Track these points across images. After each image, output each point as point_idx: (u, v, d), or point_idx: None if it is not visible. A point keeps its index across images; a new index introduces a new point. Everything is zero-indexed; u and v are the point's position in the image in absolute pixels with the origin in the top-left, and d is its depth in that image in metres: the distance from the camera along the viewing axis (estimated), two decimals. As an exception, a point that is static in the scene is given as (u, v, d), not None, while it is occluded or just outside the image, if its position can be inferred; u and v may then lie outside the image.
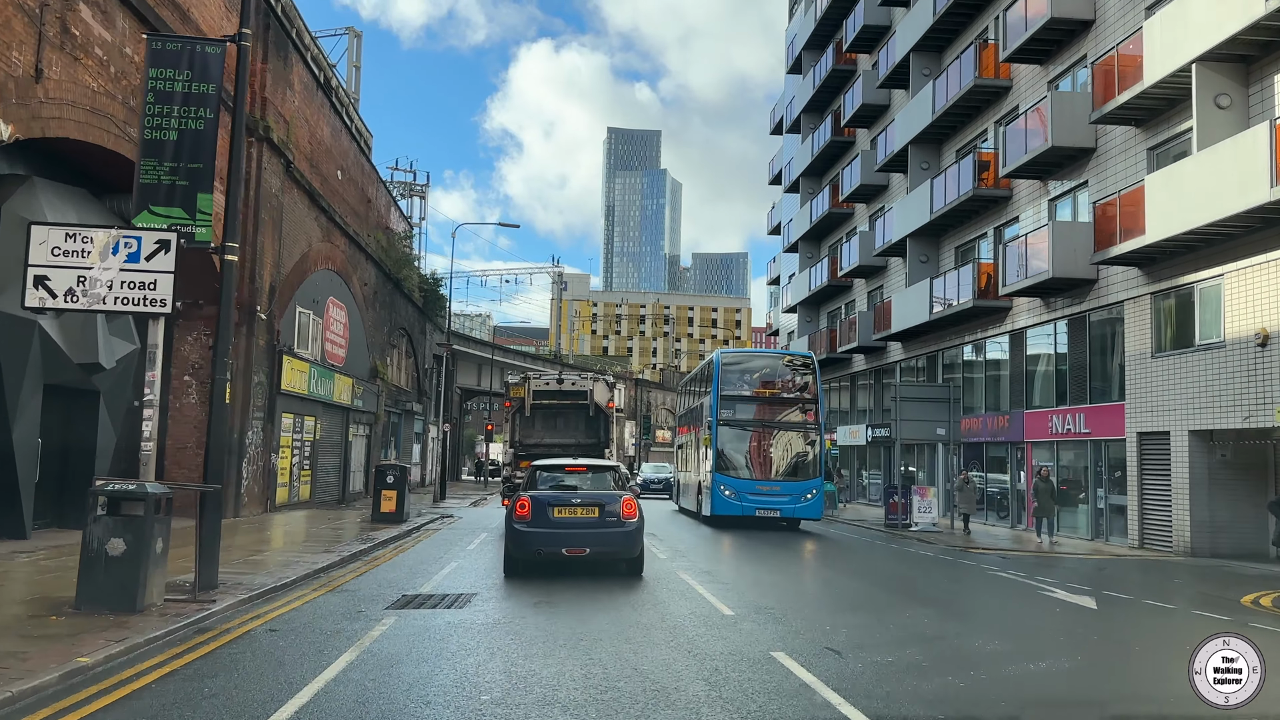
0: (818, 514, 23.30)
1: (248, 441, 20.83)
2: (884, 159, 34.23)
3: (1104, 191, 21.90)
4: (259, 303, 21.05)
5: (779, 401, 23.99)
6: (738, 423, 23.44)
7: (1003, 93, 27.18)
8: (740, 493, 22.54)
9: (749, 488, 22.65)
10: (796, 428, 23.66)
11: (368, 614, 9.07)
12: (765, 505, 22.44)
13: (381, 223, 35.85)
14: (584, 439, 25.14)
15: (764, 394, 24.11)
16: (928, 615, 9.74)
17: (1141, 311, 20.75)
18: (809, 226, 43.80)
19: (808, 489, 22.91)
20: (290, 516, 21.89)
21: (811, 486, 22.94)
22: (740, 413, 23.60)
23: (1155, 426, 20.16)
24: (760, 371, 24.90)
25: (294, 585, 10.98)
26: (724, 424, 23.30)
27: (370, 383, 32.73)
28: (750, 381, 24.40)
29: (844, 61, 40.75)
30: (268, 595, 10.11)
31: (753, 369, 25.02)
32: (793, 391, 24.21)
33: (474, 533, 19.80)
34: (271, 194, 21.76)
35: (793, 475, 23.19)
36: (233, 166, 10.48)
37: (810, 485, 22.96)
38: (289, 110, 23.21)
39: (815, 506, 23.00)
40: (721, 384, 23.77)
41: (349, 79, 41.43)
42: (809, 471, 23.24)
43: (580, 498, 12.20)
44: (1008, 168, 24.68)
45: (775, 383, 24.49)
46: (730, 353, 27.78)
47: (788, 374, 24.85)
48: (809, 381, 24.14)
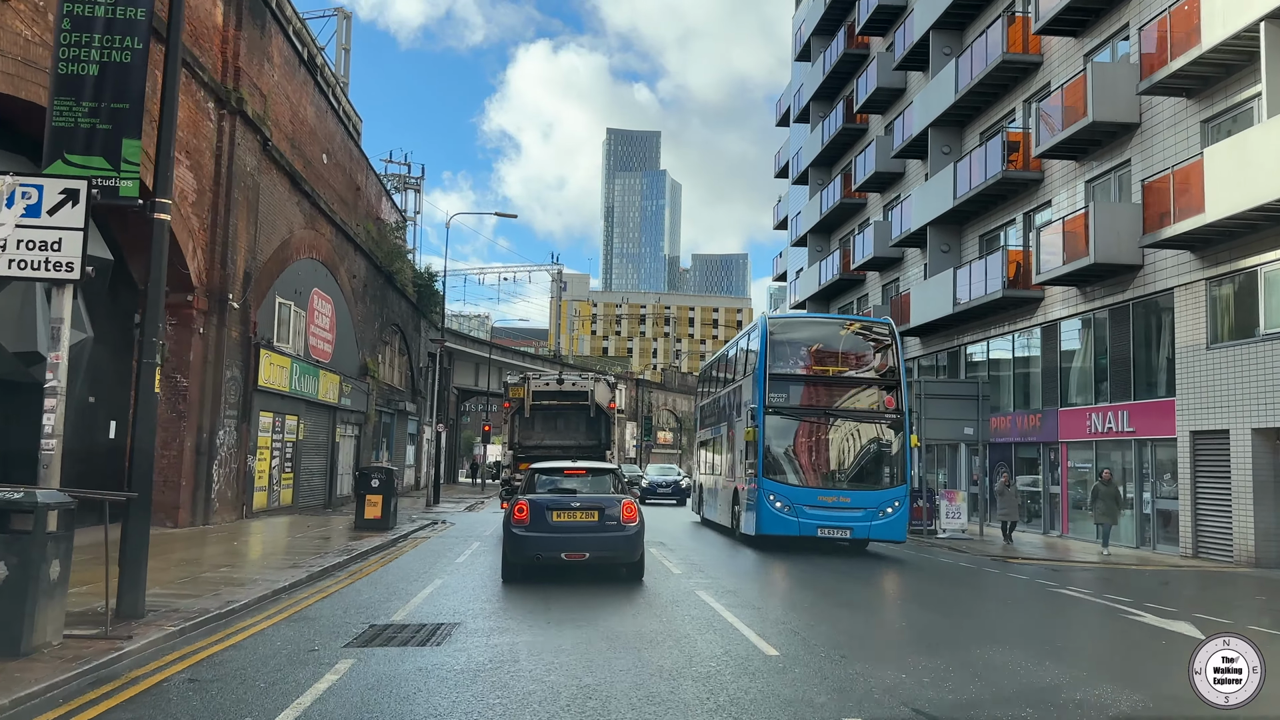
0: (900, 534, 17.56)
1: (219, 442, 19.07)
2: (901, 144, 32.46)
3: (1150, 170, 20.14)
4: (231, 290, 19.28)
5: (848, 382, 18.33)
6: (792, 411, 17.80)
7: (1032, 69, 25.42)
8: (796, 504, 17.09)
9: (807, 498, 17.16)
10: (872, 417, 17.92)
11: (321, 654, 7.29)
12: (830, 522, 16.99)
13: (372, 212, 34.08)
14: (585, 440, 24.34)
15: (827, 372, 18.52)
16: (1016, 654, 7.86)
17: (1194, 299, 18.98)
18: (819, 218, 42.02)
19: (887, 500, 17.24)
20: (268, 524, 20.12)
21: (892, 497, 17.30)
22: (795, 397, 17.89)
23: (1211, 424, 18.38)
24: (821, 343, 19.12)
25: (243, 611, 9.21)
26: (773, 412, 17.64)
27: (360, 381, 30.96)
28: (808, 356, 18.75)
29: (856, 45, 39.03)
30: (207, 625, 8.34)
31: (811, 340, 19.20)
32: (866, 369, 18.65)
33: (465, 541, 18.04)
34: (246, 172, 20.00)
35: (867, 481, 17.71)
36: (165, 108, 8.68)
37: (891, 496, 17.32)
38: (266, 84, 21.45)
39: (897, 524, 17.32)
40: (770, 359, 18.00)
41: (338, 62, 39.62)
42: (889, 476, 17.68)
43: (579, 501, 11.96)
44: (1041, 147, 22.93)
45: (843, 357, 18.85)
46: (781, 318, 21.43)
47: (859, 346, 19.21)
48: (888, 355, 18.53)
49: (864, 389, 18.29)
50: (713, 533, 21.68)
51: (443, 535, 19.68)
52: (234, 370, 19.79)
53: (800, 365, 18.55)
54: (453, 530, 21.10)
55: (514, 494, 13.89)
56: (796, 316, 30.85)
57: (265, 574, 11.69)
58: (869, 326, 20.07)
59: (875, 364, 18.67)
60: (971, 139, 28.95)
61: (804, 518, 17.03)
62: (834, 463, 18.00)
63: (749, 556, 16.58)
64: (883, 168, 34.64)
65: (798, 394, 17.99)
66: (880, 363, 18.64)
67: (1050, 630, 9.92)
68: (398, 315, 38.03)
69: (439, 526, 22.03)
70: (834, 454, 18.05)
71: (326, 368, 26.81)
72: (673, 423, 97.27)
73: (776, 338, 18.50)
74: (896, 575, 14.72)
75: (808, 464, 17.89)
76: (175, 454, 17.93)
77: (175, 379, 18.11)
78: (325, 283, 26.87)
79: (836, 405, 18.01)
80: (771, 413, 17.67)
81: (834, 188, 40.62)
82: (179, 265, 17.62)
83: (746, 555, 16.82)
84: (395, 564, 14.13)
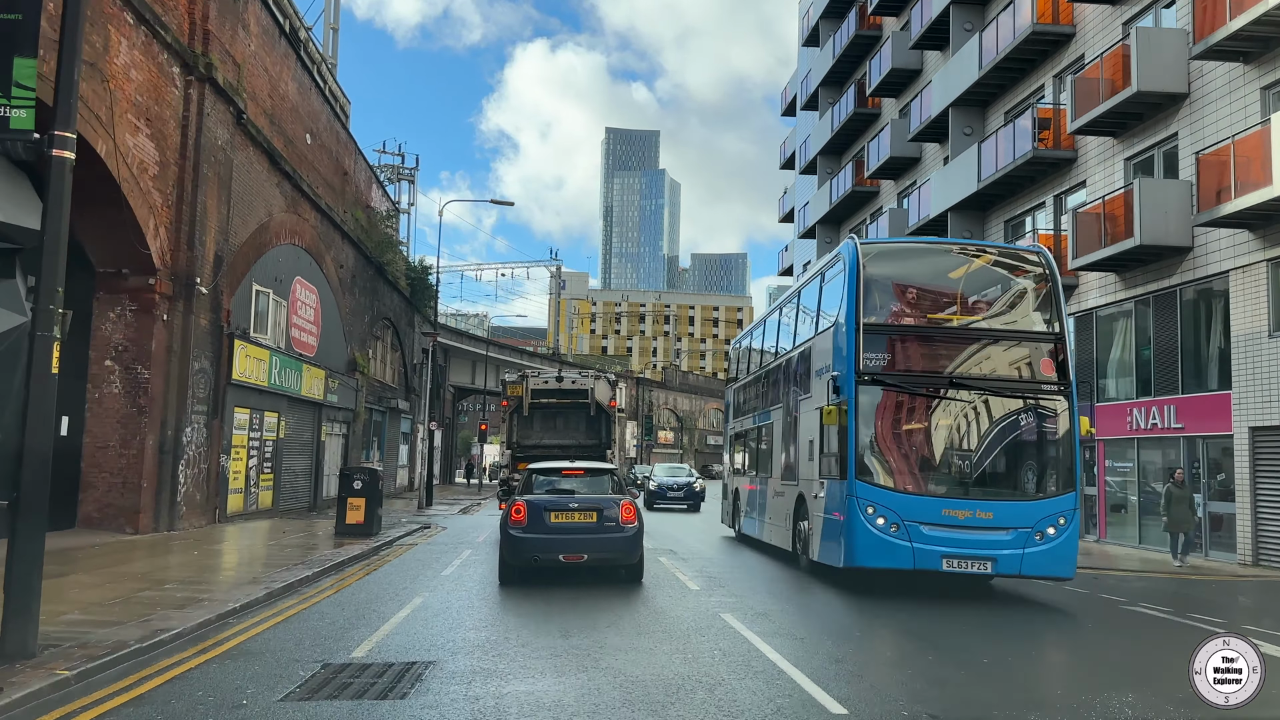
0: (1068, 567, 11.63)
1: (186, 440, 17.39)
2: (918, 127, 30.79)
3: (1201, 144, 18.50)
4: (199, 274, 17.60)
5: (985, 337, 12.42)
6: (900, 380, 11.98)
7: (1064, 41, 23.76)
8: (909, 521, 11.33)
9: (926, 511, 11.41)
10: (1022, 390, 12.13)
11: (249, 712, 5.62)
12: (962, 548, 11.28)
13: (361, 200, 32.40)
14: (585, 440, 23.43)
15: (951, 323, 12.68)
16: (1139, 699, 6.27)
17: (1254, 282, 17.33)
18: (828, 208, 40.36)
19: (1048, 515, 11.53)
20: (242, 529, 18.47)
21: (1055, 511, 11.57)
22: (905, 360, 12.19)
23: (1275, 420, 16.74)
24: (943, 281, 13.10)
25: (173, 643, 7.54)
26: (871, 382, 11.82)
27: (348, 376, 29.29)
28: (923, 301, 13.03)
29: (869, 26, 37.40)
30: (119, 665, 6.68)
31: (928, 276, 13.23)
32: (1010, 318, 12.73)
33: (455, 549, 16.37)
34: (217, 146, 18.32)
35: (1016, 487, 12.12)
36: (67, 22, 6.99)
37: (1053, 509, 11.59)
38: (241, 52, 19.78)
39: (1062, 552, 11.51)
40: (865, 304, 12.17)
41: (326, 41, 37.90)
42: (1050, 479, 11.92)
43: (578, 502, 11.80)
44: (1077, 123, 21.26)
45: (973, 303, 12.99)
46: (878, 243, 14.98)
47: (999, 284, 13.10)
48: (1044, 299, 12.56)
49: (1009, 346, 12.36)
50: (756, 555, 16.51)
51: (431, 542, 18.01)
52: (203, 362, 18.11)
53: (910, 314, 12.81)
54: (442, 536, 19.43)
55: (512, 494, 13.62)
56: (902, 242, 20.96)
57: (217, 591, 10.02)
58: (1014, 256, 13.69)
59: (1025, 311, 12.69)
60: (995, 119, 27.30)
61: (921, 541, 11.23)
62: (965, 458, 12.06)
63: (832, 601, 11.34)
64: (898, 152, 32.98)
65: (909, 355, 12.23)
66: (1032, 309, 12.64)
67: (1146, 660, 8.23)
68: (390, 309, 36.36)
69: (428, 531, 20.37)
70: (964, 445, 12.13)
71: (311, 362, 25.14)
72: (674, 422, 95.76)
73: (874, 273, 12.40)
74: (937, 590, 12.76)
75: (925, 461, 12.03)
76: (135, 453, 16.28)
77: (135, 370, 16.44)
78: (309, 271, 25.20)
79: (968, 372, 12.08)
80: (868, 383, 11.76)
81: (845, 176, 38.97)
82: (138, 244, 15.96)
83: (829, 598, 11.53)
84: (373, 577, 12.47)
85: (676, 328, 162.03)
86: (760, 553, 16.80)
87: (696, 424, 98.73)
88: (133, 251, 16.02)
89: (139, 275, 16.36)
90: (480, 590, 11.32)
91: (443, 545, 17.27)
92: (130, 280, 16.40)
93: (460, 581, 12.06)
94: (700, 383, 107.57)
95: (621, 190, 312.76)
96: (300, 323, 24.55)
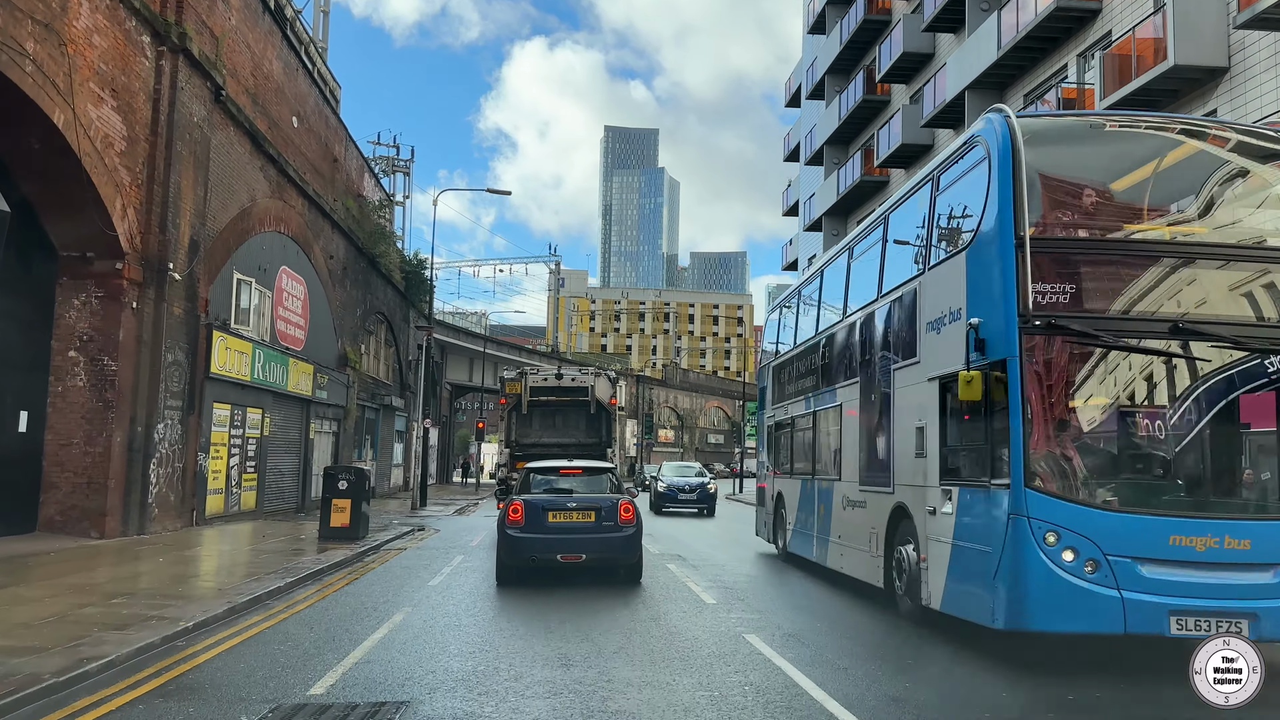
0: None
1: (158, 437, 16.20)
2: (931, 112, 29.61)
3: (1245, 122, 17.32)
4: (173, 259, 16.40)
5: (1230, 259, 7.89)
6: (1095, 328, 7.39)
7: (1089, 17, 22.58)
8: (1119, 555, 7.07)
9: (1146, 539, 7.13)
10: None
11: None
12: (1203, 598, 7.03)
13: (353, 188, 31.21)
14: (585, 438, 22.60)
15: (1166, 239, 8.19)
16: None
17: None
18: (835, 200, 39.15)
19: None
20: (220, 533, 17.29)
21: None
22: (1100, 294, 7.59)
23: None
24: (1148, 176, 8.50)
25: (99, 676, 6.36)
26: (1044, 329, 7.33)
27: (338, 372, 28.12)
28: (1118, 205, 8.56)
29: (877, 10, 36.20)
30: (15, 710, 5.49)
31: (1122, 164, 8.70)
32: (1259, 233, 8.21)
33: (446, 555, 15.18)
34: (193, 123, 17.12)
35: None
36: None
37: None
38: (220, 25, 18.59)
39: None
40: (1029, 209, 7.50)
41: (316, 24, 36.59)
42: None
43: (576, 501, 11.65)
44: (1105, 101, 20.08)
45: (1205, 208, 8.50)
46: (1040, 118, 11.99)
47: (1239, 179, 8.59)
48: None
49: (1257, 278, 7.81)
50: (820, 585, 12.24)
51: (421, 546, 16.83)
52: (177, 354, 16.91)
53: (1101, 225, 8.32)
54: (434, 539, 18.24)
55: (509, 494, 13.40)
56: (1078, 115, 15.54)
57: (171, 607, 8.83)
58: (1257, 136, 8.84)
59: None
60: (1015, 101, 26.10)
61: (1138, 589, 7.04)
62: (1202, 455, 7.90)
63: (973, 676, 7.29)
64: (910, 140, 31.73)
65: (1108, 288, 7.64)
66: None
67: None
68: (384, 303, 35.18)
69: (420, 534, 19.19)
70: (1201, 434, 7.74)
71: (298, 356, 23.97)
72: (674, 420, 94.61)
73: (1039, 161, 7.90)
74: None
75: (1137, 459, 7.91)
76: (101, 451, 15.08)
77: (102, 362, 15.25)
78: (296, 261, 24.01)
79: (1206, 314, 7.58)
80: (1042, 330, 7.33)
81: (853, 165, 37.79)
82: (104, 226, 14.78)
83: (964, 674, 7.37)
84: (352, 588, 11.28)
85: (676, 325, 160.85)
86: (823, 582, 12.45)
87: (697, 422, 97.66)
88: (98, 234, 14.83)
89: (105, 259, 15.17)
90: (470, 604, 10.14)
91: (433, 550, 16.08)
92: (96, 265, 15.20)
93: (448, 593, 10.87)
94: (701, 381, 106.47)
95: (620, 189, 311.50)
96: (286, 315, 23.36)
